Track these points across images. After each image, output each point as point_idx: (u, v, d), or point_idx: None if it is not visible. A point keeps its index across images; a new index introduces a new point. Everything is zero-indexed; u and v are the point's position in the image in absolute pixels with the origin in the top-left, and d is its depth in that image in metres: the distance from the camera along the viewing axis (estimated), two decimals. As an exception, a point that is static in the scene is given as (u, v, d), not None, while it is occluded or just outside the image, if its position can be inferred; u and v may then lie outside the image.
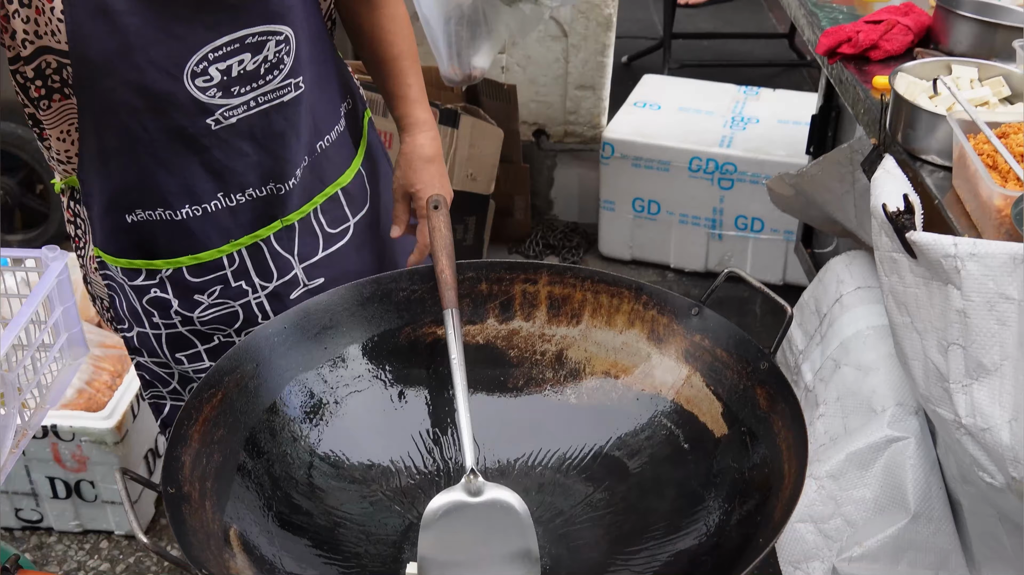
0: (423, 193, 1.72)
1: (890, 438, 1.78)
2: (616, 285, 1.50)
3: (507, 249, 3.63)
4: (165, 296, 1.63)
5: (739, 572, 1.09)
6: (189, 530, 1.16)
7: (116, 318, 1.71)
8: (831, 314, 2.08)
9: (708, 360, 1.42)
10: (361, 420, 1.45)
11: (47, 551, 2.50)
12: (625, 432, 1.44)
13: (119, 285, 1.65)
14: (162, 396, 1.82)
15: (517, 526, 1.27)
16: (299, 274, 1.70)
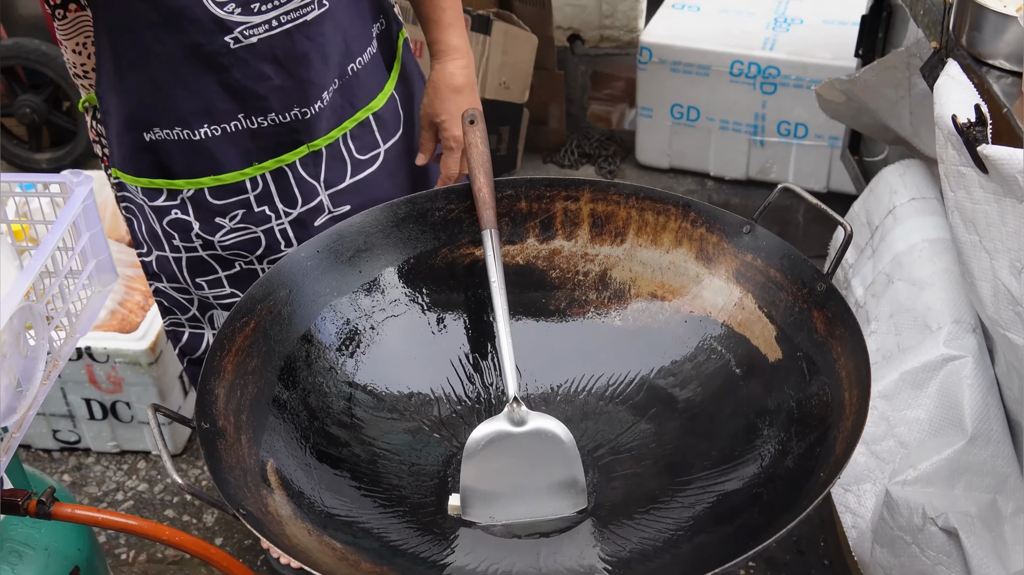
0: (448, 125, 1.65)
1: (946, 357, 1.72)
2: (663, 201, 1.42)
3: (541, 159, 3.54)
4: (186, 218, 1.57)
5: (801, 509, 1.03)
6: (225, 467, 1.12)
7: (135, 242, 1.66)
8: (883, 226, 1.99)
9: (760, 281, 1.35)
10: (398, 347, 1.40)
11: (85, 472, 2.50)
12: (673, 357, 1.39)
13: (138, 207, 1.60)
14: (180, 323, 1.77)
15: (562, 456, 1.23)
16: (325, 201, 1.63)
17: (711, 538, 1.15)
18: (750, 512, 1.15)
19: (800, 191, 1.34)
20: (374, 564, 1.13)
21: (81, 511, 1.33)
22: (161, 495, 2.45)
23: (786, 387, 1.26)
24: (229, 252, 1.63)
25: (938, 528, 1.57)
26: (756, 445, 1.24)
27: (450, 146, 1.65)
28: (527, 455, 1.23)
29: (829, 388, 1.20)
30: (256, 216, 1.60)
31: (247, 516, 1.05)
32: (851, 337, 1.21)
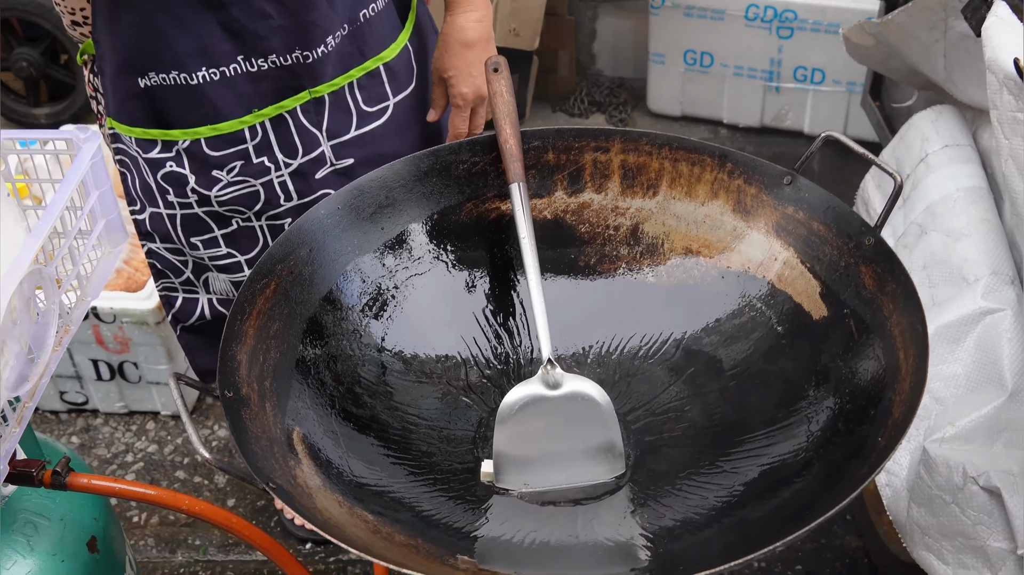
0: (456, 81, 1.57)
1: (984, 310, 1.66)
2: (697, 152, 1.36)
3: (550, 108, 3.46)
4: (181, 171, 1.50)
5: (860, 479, 0.98)
6: (251, 438, 1.07)
7: (128, 198, 1.59)
8: (915, 175, 1.93)
9: (803, 235, 1.29)
10: (423, 307, 1.34)
11: (94, 434, 2.45)
12: (710, 315, 1.33)
13: (132, 160, 1.53)
14: (174, 288, 1.71)
15: (599, 419, 1.18)
16: (327, 151, 1.56)
17: (758, 511, 1.10)
18: (801, 481, 1.10)
19: (847, 141, 1.27)
20: (408, 536, 1.08)
21: (98, 481, 1.28)
22: (172, 456, 2.41)
23: (833, 346, 1.21)
24: (226, 208, 1.56)
25: (979, 487, 1.52)
26: (802, 408, 1.19)
27: (458, 104, 1.58)
28: (562, 419, 1.18)
29: (881, 348, 1.14)
30: (255, 168, 1.53)
31: (277, 490, 1.00)
32: (904, 294, 1.15)
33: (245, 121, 1.49)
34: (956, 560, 1.57)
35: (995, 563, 1.53)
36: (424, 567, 1.02)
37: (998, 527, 1.52)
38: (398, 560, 0.99)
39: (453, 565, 1.05)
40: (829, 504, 0.98)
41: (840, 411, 1.14)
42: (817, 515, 0.96)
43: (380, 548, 1.03)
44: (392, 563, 0.94)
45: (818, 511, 0.98)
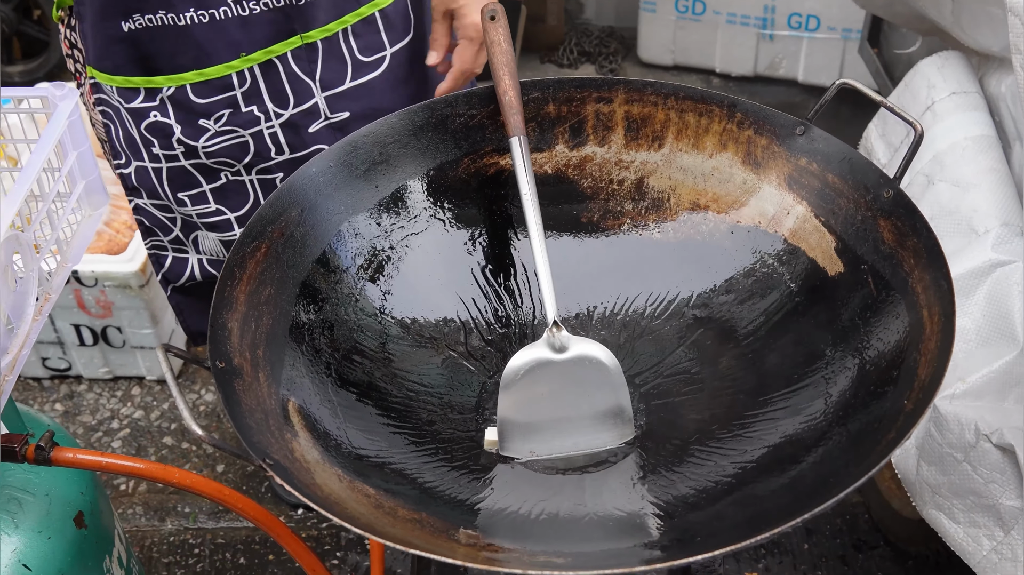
0: (466, 11, 1.48)
1: (995, 262, 1.61)
2: (705, 102, 1.30)
3: (539, 58, 3.39)
4: (166, 121, 1.43)
5: (891, 445, 0.93)
6: (245, 410, 1.01)
7: (112, 151, 1.52)
8: (921, 123, 1.87)
9: (817, 187, 1.24)
10: (421, 269, 1.28)
11: (78, 400, 2.39)
12: (719, 273, 1.28)
13: (115, 111, 1.46)
14: (163, 246, 1.64)
15: (607, 383, 1.13)
16: (320, 104, 1.49)
17: (775, 482, 1.05)
18: (822, 448, 1.05)
19: (862, 88, 1.21)
20: (411, 510, 1.03)
21: (84, 455, 1.22)
22: (158, 422, 2.35)
23: (851, 304, 1.16)
24: (214, 160, 1.49)
25: (992, 445, 1.48)
26: (820, 369, 1.14)
27: (469, 35, 1.48)
28: (569, 384, 1.13)
29: (903, 306, 1.09)
30: (243, 117, 1.46)
31: (275, 466, 0.95)
32: (926, 248, 1.10)
33: (233, 66, 1.42)
34: (967, 519, 1.54)
35: (1007, 522, 1.49)
36: (430, 544, 0.97)
37: (1011, 485, 1.48)
38: (403, 538, 0.94)
39: (458, 540, 1.00)
40: (853, 473, 0.93)
41: (861, 373, 1.09)
42: (842, 485, 0.91)
43: (384, 525, 0.98)
44: (398, 542, 0.89)
45: (842, 481, 0.93)
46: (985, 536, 1.51)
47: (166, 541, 2.13)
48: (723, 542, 0.89)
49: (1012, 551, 1.48)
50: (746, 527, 0.96)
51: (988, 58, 1.87)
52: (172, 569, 2.09)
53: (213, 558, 2.10)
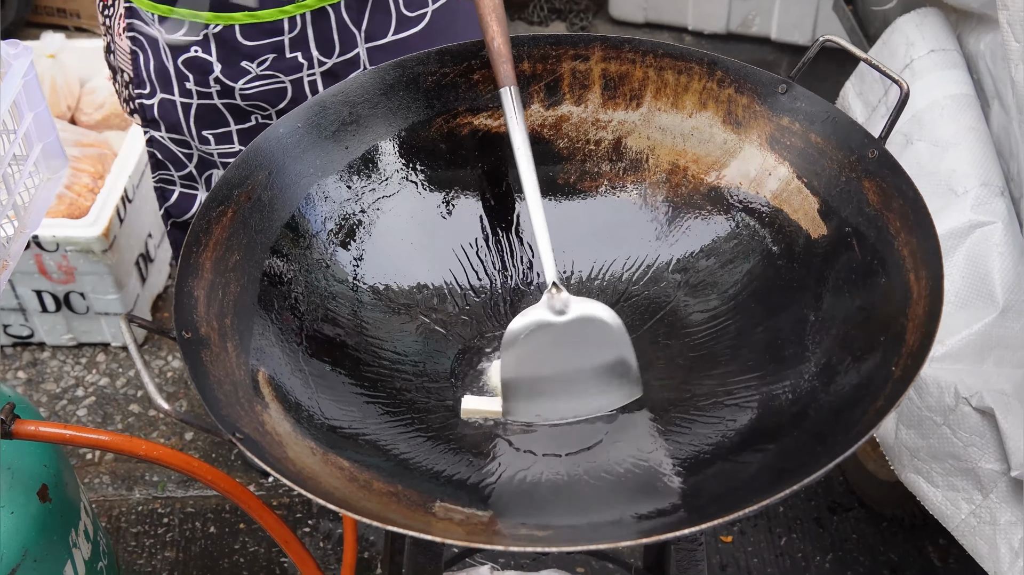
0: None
1: (974, 223, 1.60)
2: (684, 59, 1.26)
3: (508, 16, 3.32)
4: (207, 58, 1.39)
5: (880, 413, 0.91)
6: (213, 382, 0.97)
7: (136, 80, 1.46)
8: (902, 82, 1.84)
9: (799, 147, 1.20)
10: (393, 233, 1.25)
11: (41, 368, 2.34)
12: (699, 235, 1.25)
13: (150, 40, 1.40)
14: (171, 180, 1.60)
15: (611, 342, 1.10)
16: (362, 54, 1.48)
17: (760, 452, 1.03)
18: (806, 416, 1.03)
19: (846, 45, 1.18)
20: (387, 483, 1.00)
21: (46, 428, 1.18)
22: (124, 389, 2.31)
23: (834, 268, 1.13)
24: (248, 103, 1.46)
25: (972, 408, 1.47)
26: (804, 334, 1.11)
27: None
28: (572, 345, 1.10)
29: (888, 268, 1.07)
30: (287, 63, 1.44)
31: (245, 441, 0.91)
32: (913, 210, 1.07)
33: (286, 11, 1.38)
34: (946, 482, 1.53)
35: (986, 485, 1.48)
36: (407, 518, 0.94)
37: (990, 448, 1.48)
38: (379, 514, 0.91)
39: (435, 514, 0.97)
40: (842, 442, 0.91)
41: (846, 338, 1.07)
42: (831, 454, 0.89)
43: (358, 499, 0.95)
44: (373, 518, 0.86)
45: (830, 449, 0.91)
46: (964, 500, 1.50)
47: (134, 511, 2.09)
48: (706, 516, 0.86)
49: (991, 515, 1.47)
50: (731, 499, 0.94)
51: (967, 15, 1.84)
52: (141, 539, 2.05)
53: (183, 527, 2.07)
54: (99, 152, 2.36)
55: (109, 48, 1.53)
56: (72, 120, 2.56)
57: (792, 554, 2.03)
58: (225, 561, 2.01)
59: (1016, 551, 1.44)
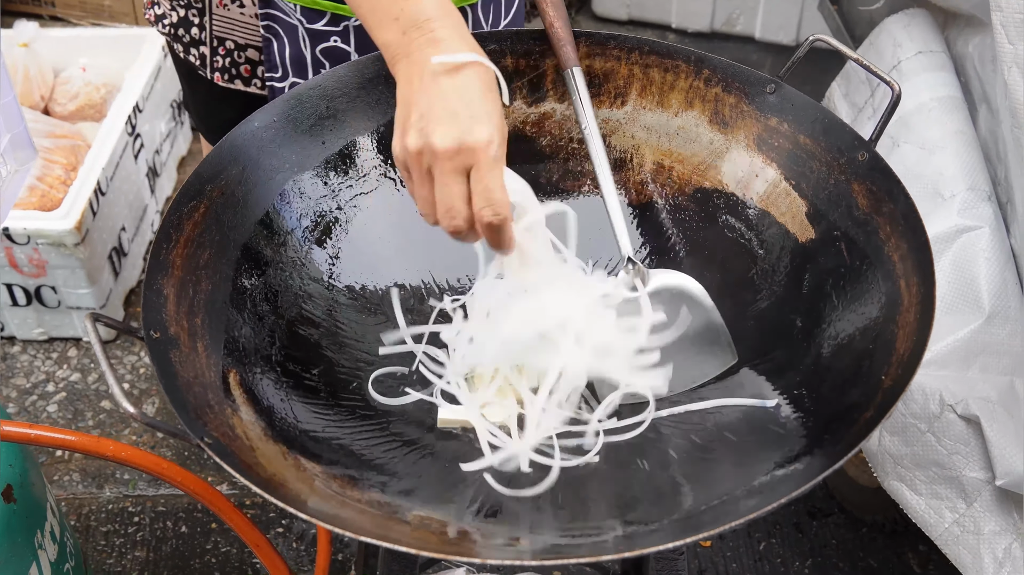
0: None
1: (960, 227, 1.58)
2: (671, 56, 1.23)
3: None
4: (346, 48, 1.34)
5: (870, 424, 0.89)
6: (182, 384, 0.94)
7: (269, 64, 1.40)
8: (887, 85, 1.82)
9: (788, 149, 1.18)
10: (370, 231, 1.21)
11: (11, 363, 2.29)
12: (683, 237, 1.22)
13: (288, 28, 1.35)
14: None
15: (697, 311, 1.08)
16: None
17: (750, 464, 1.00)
18: (794, 426, 1.00)
19: (837, 45, 1.16)
20: (360, 491, 0.97)
21: (11, 428, 1.14)
22: (96, 385, 2.26)
23: (822, 273, 1.11)
24: None
25: (957, 415, 1.45)
26: (790, 341, 1.09)
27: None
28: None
29: (879, 275, 1.04)
30: None
31: (213, 446, 0.88)
32: (903, 214, 1.05)
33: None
34: (929, 490, 1.51)
35: (970, 494, 1.46)
36: (382, 527, 0.91)
37: (974, 456, 1.46)
38: (353, 523, 0.88)
39: (409, 523, 0.94)
40: (831, 453, 0.89)
41: (834, 346, 1.04)
42: (818, 468, 0.87)
43: (332, 507, 0.91)
44: (347, 529, 0.83)
45: (817, 463, 0.89)
46: (947, 508, 1.48)
47: (104, 509, 2.05)
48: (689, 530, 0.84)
49: (974, 524, 1.45)
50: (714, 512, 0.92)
51: (955, 17, 1.82)
52: (111, 538, 2.01)
53: (153, 526, 2.03)
54: (72, 143, 2.31)
55: (185, 22, 1.46)
56: (45, 111, 2.51)
57: (771, 559, 2.01)
58: (196, 561, 1.98)
59: (1000, 561, 1.42)
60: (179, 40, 1.47)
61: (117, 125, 2.33)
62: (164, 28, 1.47)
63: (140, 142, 2.46)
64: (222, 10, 1.40)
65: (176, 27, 1.46)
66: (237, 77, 1.47)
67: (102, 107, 2.51)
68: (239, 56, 1.45)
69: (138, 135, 2.44)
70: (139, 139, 2.45)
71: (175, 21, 1.46)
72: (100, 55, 2.61)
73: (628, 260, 1.08)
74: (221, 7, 1.40)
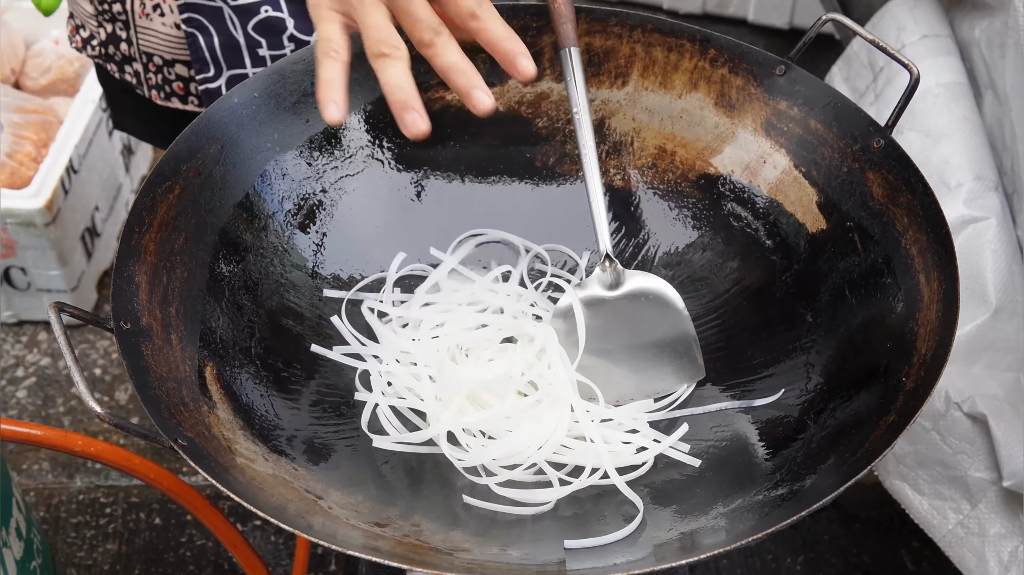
0: None
1: (967, 218, 1.52)
2: (675, 35, 1.17)
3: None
4: (279, 15, 1.25)
5: (895, 429, 0.83)
6: (154, 380, 0.87)
7: (198, 66, 1.31)
8: (889, 68, 1.77)
9: (798, 134, 1.12)
10: (357, 216, 1.15)
11: (-21, 346, 2.22)
12: (686, 226, 1.16)
13: (212, 14, 1.25)
14: None
15: (669, 320, 1.02)
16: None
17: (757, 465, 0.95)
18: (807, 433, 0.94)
19: (851, 24, 1.10)
20: (344, 495, 0.91)
21: (-31, 422, 1.07)
22: (67, 370, 2.18)
23: (834, 265, 1.05)
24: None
25: (963, 413, 1.40)
26: (800, 337, 1.03)
27: None
28: (627, 323, 1.03)
29: (896, 269, 0.99)
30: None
31: (188, 448, 0.81)
32: (922, 205, 0.99)
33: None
34: (932, 490, 1.46)
35: (975, 494, 1.42)
36: (365, 536, 0.85)
37: (980, 456, 1.41)
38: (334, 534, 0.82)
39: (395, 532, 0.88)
40: (851, 461, 0.83)
41: (847, 343, 0.98)
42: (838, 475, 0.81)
43: (313, 513, 0.85)
44: (325, 540, 0.77)
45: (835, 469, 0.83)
46: (951, 509, 1.43)
47: (75, 500, 1.98)
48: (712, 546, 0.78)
49: (979, 525, 1.40)
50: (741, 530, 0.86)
51: (960, 0, 1.76)
52: (81, 530, 1.94)
53: (126, 518, 1.96)
54: (43, 119, 2.23)
55: (113, 38, 1.38)
56: (16, 84, 2.42)
57: (763, 555, 1.96)
58: (170, 555, 1.91)
59: (1005, 564, 1.37)
60: (111, 59, 1.38)
61: (90, 100, 2.25)
62: (94, 50, 1.39)
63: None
64: (145, 20, 1.32)
65: (106, 45, 1.38)
66: (173, 95, 1.39)
67: (76, 82, 2.42)
68: (169, 72, 1.36)
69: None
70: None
71: (104, 39, 1.37)
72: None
73: (606, 257, 1.02)
74: (143, 17, 1.32)
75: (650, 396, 1.03)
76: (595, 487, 0.96)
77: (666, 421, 1.02)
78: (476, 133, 1.20)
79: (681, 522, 0.91)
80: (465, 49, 0.96)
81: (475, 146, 1.20)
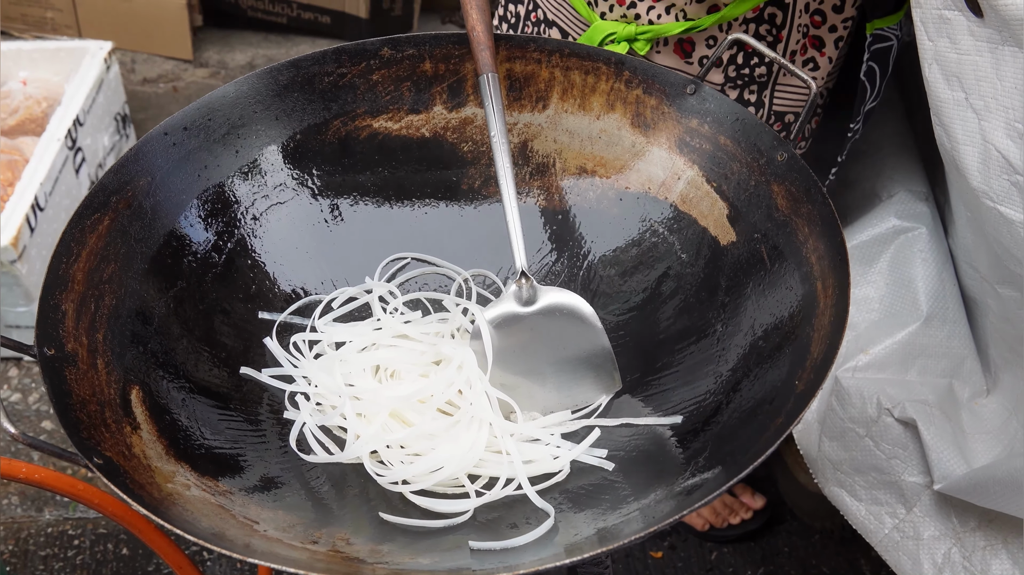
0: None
1: (898, 228, 1.56)
2: (591, 59, 1.21)
3: (440, 18, 3.27)
4: None
5: (779, 431, 0.86)
6: (76, 403, 0.91)
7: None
8: (824, 85, 1.81)
9: (708, 150, 1.16)
10: (287, 242, 1.19)
11: (-53, 383, 2.25)
12: (607, 242, 1.20)
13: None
14: None
15: (584, 334, 1.06)
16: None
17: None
18: (710, 431, 0.98)
19: (755, 43, 1.14)
20: (268, 510, 0.94)
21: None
22: (37, 405, 2.22)
23: (743, 276, 1.09)
24: None
25: (894, 419, 1.43)
26: (710, 346, 1.07)
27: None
28: (543, 338, 1.06)
29: (796, 277, 1.02)
30: None
31: (103, 466, 0.84)
32: (820, 215, 1.03)
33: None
34: (869, 496, 1.49)
35: (909, 499, 1.44)
36: (287, 550, 0.88)
37: (913, 461, 1.44)
38: (253, 547, 0.85)
39: (319, 547, 0.91)
40: (740, 461, 0.86)
41: (752, 350, 1.02)
42: (727, 474, 0.85)
43: (231, 527, 0.88)
44: (243, 553, 0.80)
45: (727, 469, 0.87)
46: (887, 514, 1.46)
47: (44, 532, 2.01)
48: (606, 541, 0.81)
49: (914, 529, 1.43)
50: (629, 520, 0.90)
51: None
52: (50, 562, 1.97)
53: (94, 549, 1.99)
54: (10, 159, 2.27)
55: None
56: (-21, 122, 2.47)
57: (723, 569, 1.99)
58: (137, 583, 1.94)
59: (939, 566, 1.40)
60: None
61: (56, 139, 2.29)
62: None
63: (81, 156, 2.42)
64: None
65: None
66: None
67: (43, 121, 2.47)
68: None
69: (79, 149, 2.40)
70: (80, 153, 2.41)
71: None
72: (41, 68, 2.57)
73: (521, 274, 1.05)
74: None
75: (569, 408, 1.07)
76: (510, 496, 0.99)
77: (582, 430, 1.06)
78: (403, 159, 1.24)
79: (598, 520, 0.94)
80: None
81: (402, 171, 1.24)
